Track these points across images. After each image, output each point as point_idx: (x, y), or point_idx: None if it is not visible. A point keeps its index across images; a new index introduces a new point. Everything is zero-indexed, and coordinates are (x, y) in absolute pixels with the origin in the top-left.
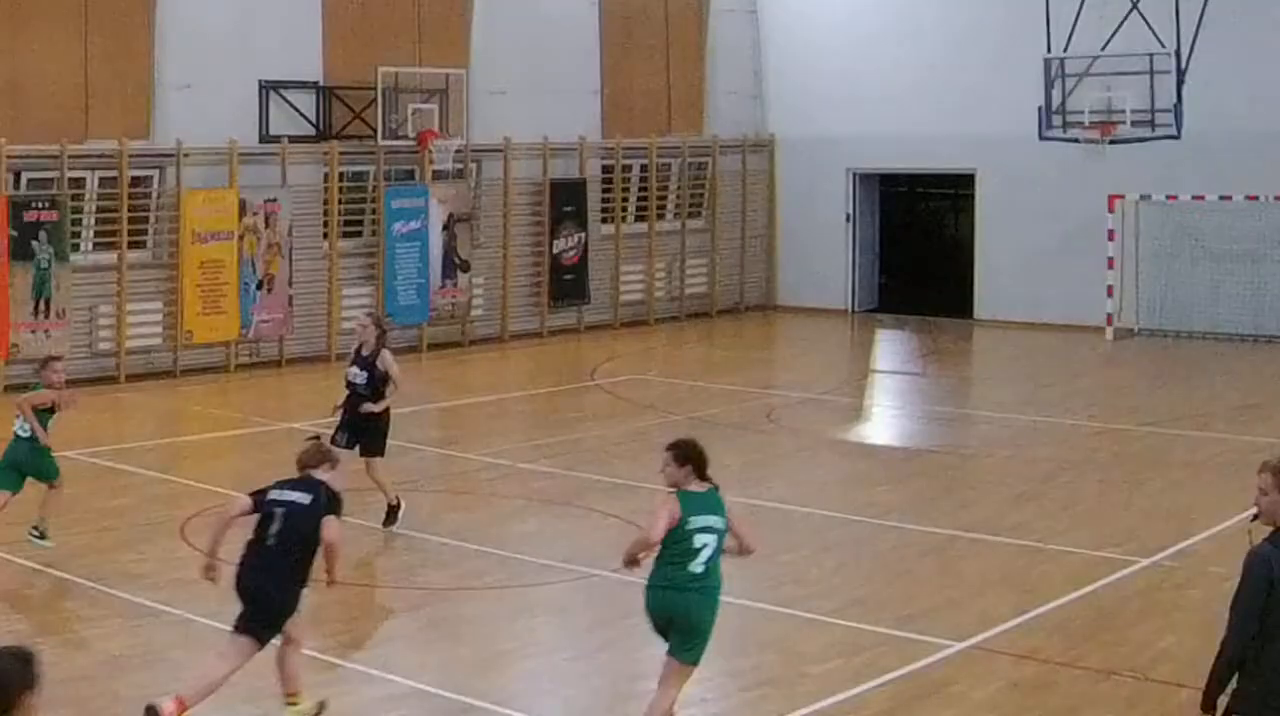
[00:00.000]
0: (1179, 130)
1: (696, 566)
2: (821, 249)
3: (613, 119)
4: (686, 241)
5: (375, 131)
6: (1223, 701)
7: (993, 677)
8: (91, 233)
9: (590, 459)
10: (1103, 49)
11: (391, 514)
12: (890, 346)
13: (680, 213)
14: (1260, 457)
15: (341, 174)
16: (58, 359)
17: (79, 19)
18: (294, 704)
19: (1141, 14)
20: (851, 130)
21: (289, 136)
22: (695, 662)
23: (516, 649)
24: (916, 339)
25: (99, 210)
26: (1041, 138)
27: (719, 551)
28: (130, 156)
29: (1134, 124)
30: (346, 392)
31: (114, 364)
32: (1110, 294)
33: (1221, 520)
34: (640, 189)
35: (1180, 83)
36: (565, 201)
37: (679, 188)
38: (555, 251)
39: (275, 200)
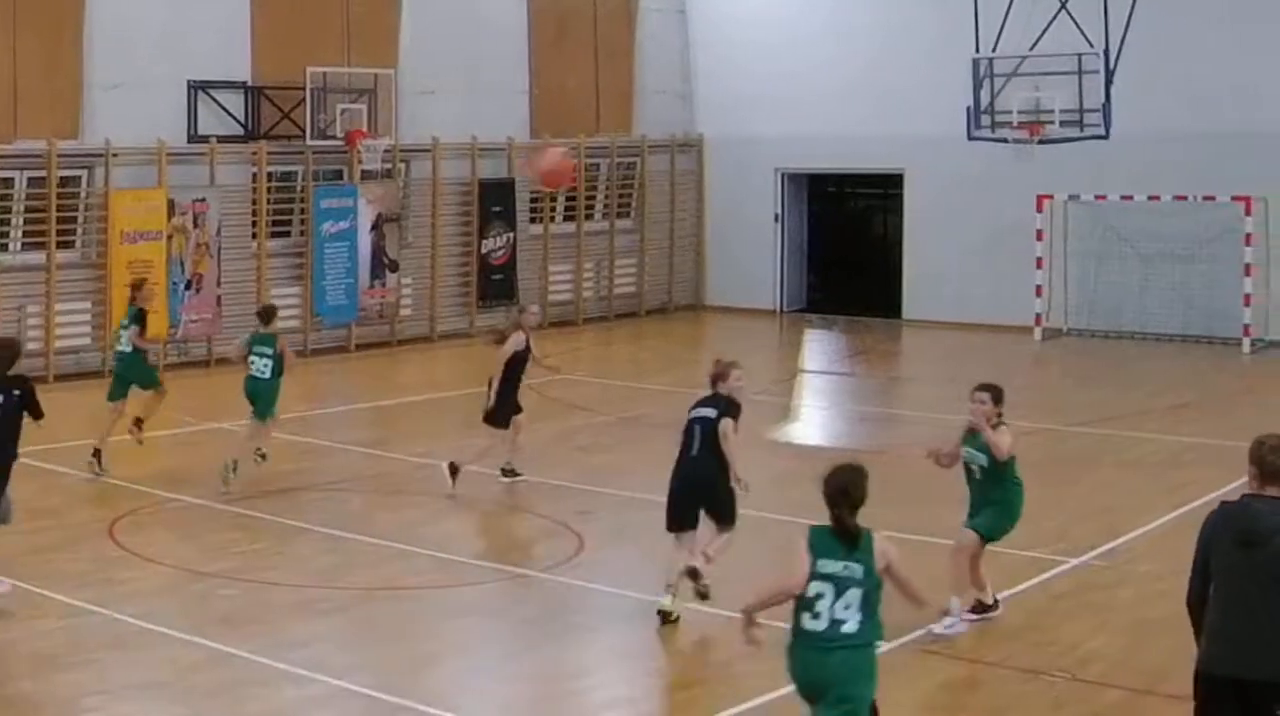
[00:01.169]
0: (1108, 130)
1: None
2: (750, 249)
3: (541, 119)
4: (615, 241)
5: (304, 131)
6: None
7: (922, 677)
8: (20, 233)
9: (520, 459)
10: (1031, 49)
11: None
12: (819, 346)
13: (609, 213)
14: (1190, 457)
15: (270, 174)
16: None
17: (8, 18)
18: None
19: (1070, 14)
20: (780, 130)
21: (217, 136)
22: None
23: (445, 649)
24: (845, 339)
25: (27, 210)
26: (970, 138)
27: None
28: (59, 156)
29: (1063, 124)
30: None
31: (42, 364)
32: (1039, 294)
33: (1151, 520)
34: (569, 189)
35: (1109, 83)
36: (494, 201)
37: (607, 188)
38: (484, 251)
39: (204, 200)
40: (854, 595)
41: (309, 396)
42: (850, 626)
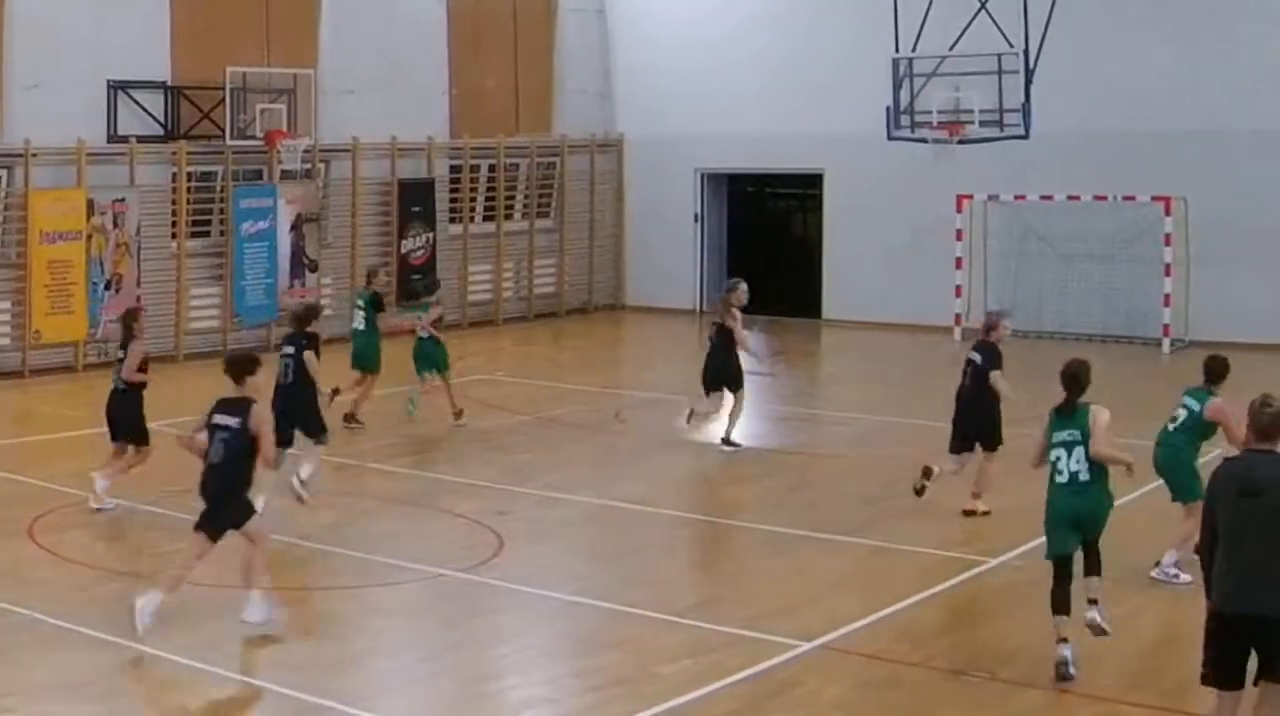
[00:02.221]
0: (1027, 130)
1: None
2: (670, 249)
3: (461, 119)
4: (535, 241)
5: (223, 131)
6: None
7: (842, 677)
8: None
9: (440, 459)
10: (951, 49)
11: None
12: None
13: (528, 213)
14: None
15: (190, 174)
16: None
17: None
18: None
19: (990, 14)
20: (700, 130)
21: (137, 136)
22: None
23: (368, 649)
24: (764, 339)
25: None
26: (890, 138)
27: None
28: None
29: (982, 124)
30: None
31: None
32: (959, 294)
33: None
34: (488, 189)
35: (1028, 83)
36: (413, 201)
37: (527, 188)
38: (403, 251)
39: (123, 200)
40: (1079, 452)
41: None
42: (1084, 476)
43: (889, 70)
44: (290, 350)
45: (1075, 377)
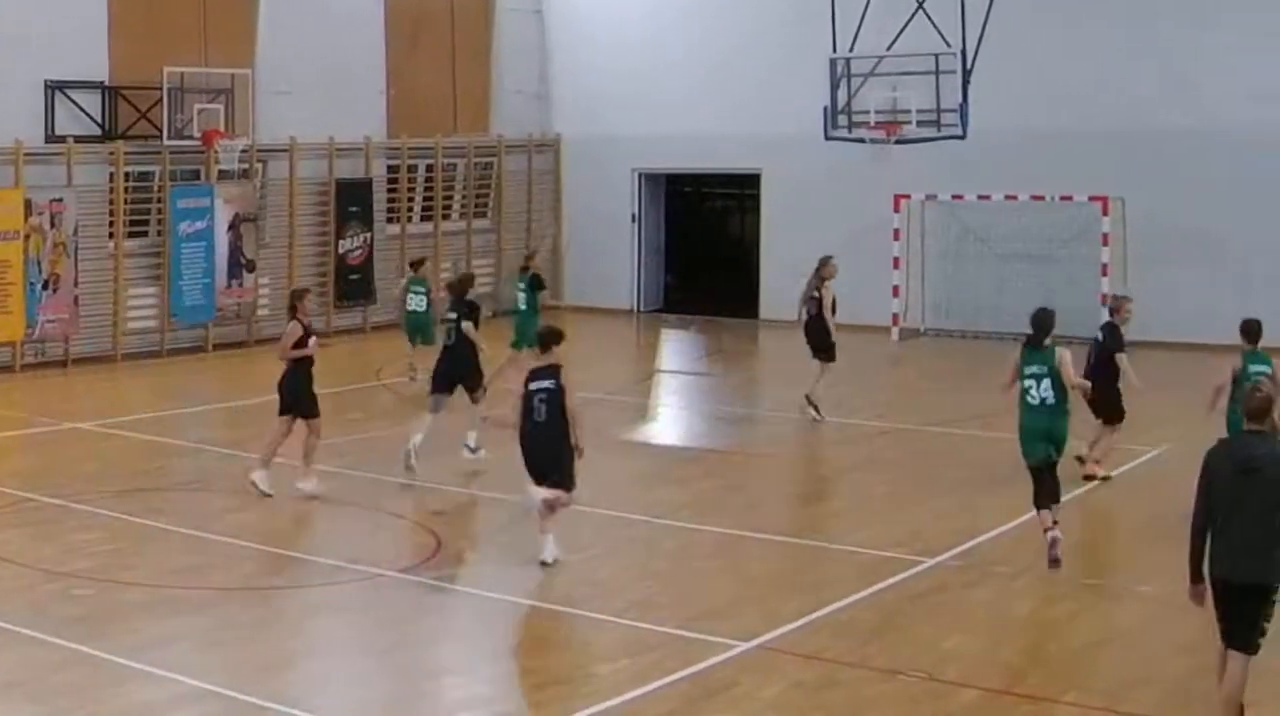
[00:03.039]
0: (964, 130)
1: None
2: (607, 249)
3: (398, 119)
4: (472, 241)
5: (161, 131)
6: None
7: (779, 677)
8: None
9: (376, 459)
10: (888, 49)
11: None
12: (676, 346)
13: (466, 213)
14: None
15: (127, 174)
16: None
17: None
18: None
19: (927, 14)
20: (637, 130)
21: (74, 136)
22: None
23: (305, 649)
24: (702, 339)
25: None
26: (827, 138)
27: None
28: None
29: (920, 124)
30: None
31: None
32: (896, 294)
33: (1008, 520)
34: (426, 189)
35: (965, 83)
36: (351, 201)
37: (464, 188)
38: (341, 251)
39: (61, 200)
40: (1047, 382)
41: (165, 396)
42: (1052, 400)
43: (826, 70)
44: (453, 316)
45: (1042, 323)
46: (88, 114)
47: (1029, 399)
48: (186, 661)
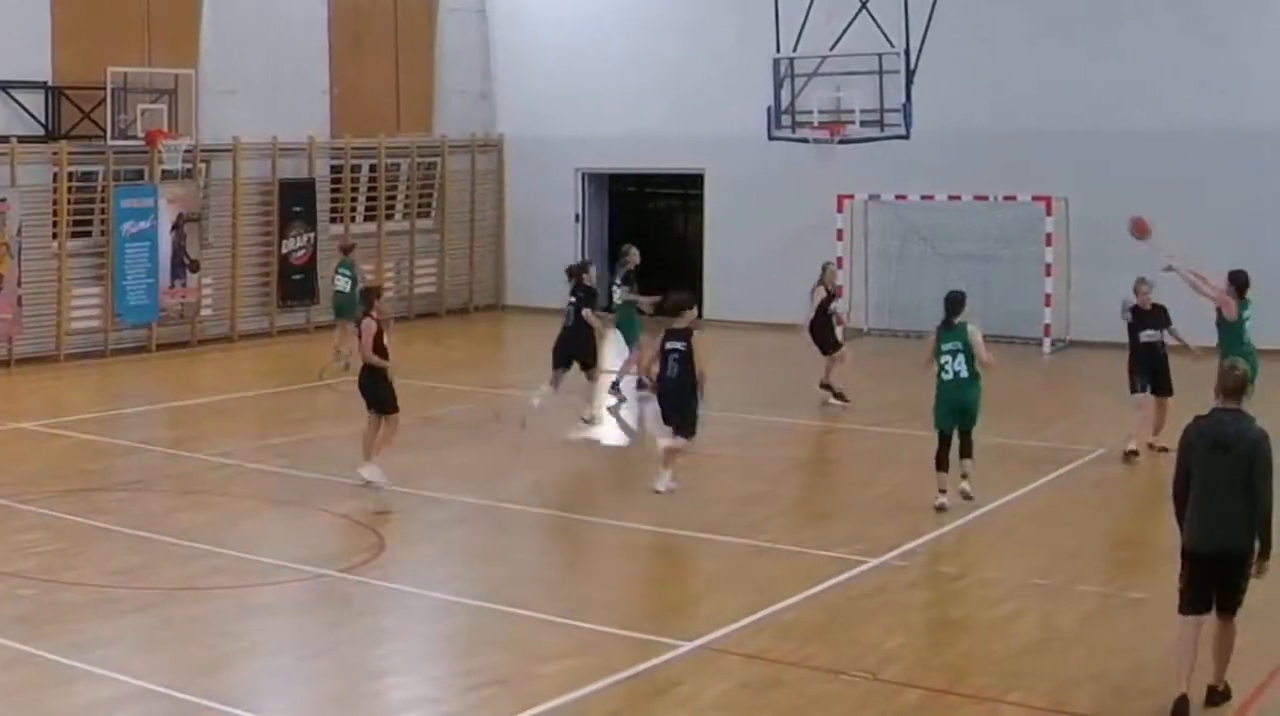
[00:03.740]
0: (908, 130)
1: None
2: (551, 249)
3: (342, 119)
4: (415, 241)
5: (104, 131)
6: None
7: (722, 677)
8: None
9: (320, 458)
10: (832, 49)
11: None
12: (620, 346)
13: (409, 213)
14: (989, 456)
15: (71, 174)
16: None
17: None
18: None
19: (871, 14)
20: (580, 130)
21: (18, 136)
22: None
23: (247, 649)
24: (645, 339)
25: None
26: (770, 138)
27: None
28: None
29: (863, 124)
30: None
31: None
32: (840, 294)
33: (951, 520)
34: (369, 189)
35: (909, 83)
36: (294, 201)
37: (408, 187)
38: (284, 251)
39: (4, 200)
40: (961, 358)
41: (109, 396)
42: (964, 373)
43: (770, 70)
44: (573, 300)
45: (955, 303)
46: (31, 114)
47: (943, 375)
48: (129, 661)
